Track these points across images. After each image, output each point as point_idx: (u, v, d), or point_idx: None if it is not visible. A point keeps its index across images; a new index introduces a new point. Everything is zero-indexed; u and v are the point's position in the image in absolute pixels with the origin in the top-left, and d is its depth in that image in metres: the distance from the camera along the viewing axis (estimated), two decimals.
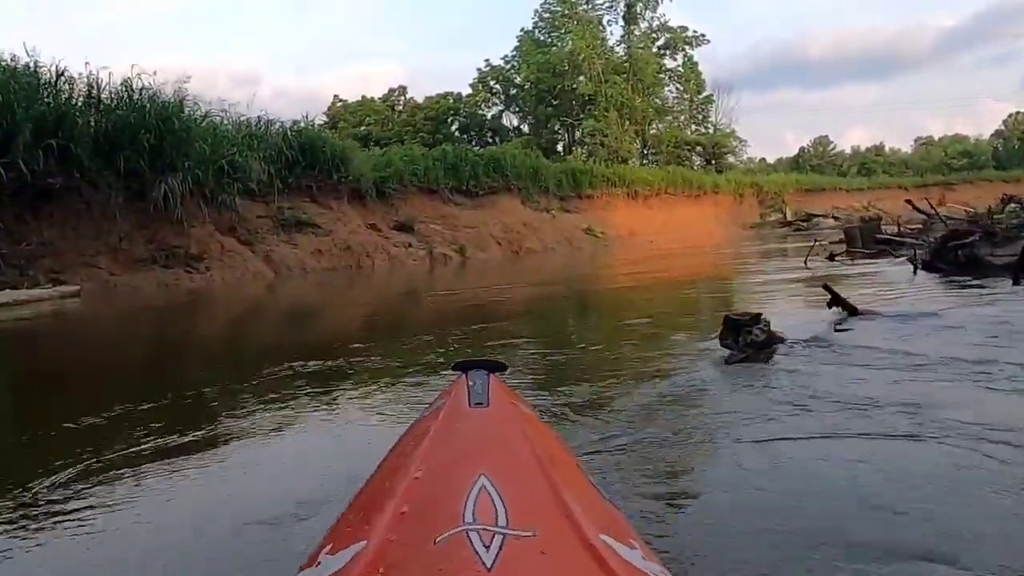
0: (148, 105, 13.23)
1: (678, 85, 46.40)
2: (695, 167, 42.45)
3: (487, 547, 0.63)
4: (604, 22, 42.94)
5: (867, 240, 10.34)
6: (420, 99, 49.54)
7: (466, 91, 47.16)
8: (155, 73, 13.61)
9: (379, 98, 51.29)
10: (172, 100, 13.64)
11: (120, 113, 12.97)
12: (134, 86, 13.25)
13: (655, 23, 43.58)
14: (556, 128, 46.09)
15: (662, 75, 44.67)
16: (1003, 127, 77.94)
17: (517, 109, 47.03)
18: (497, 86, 46.38)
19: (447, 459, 0.92)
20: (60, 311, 9.49)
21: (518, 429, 1.02)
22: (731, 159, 47.38)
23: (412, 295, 10.91)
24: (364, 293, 11.72)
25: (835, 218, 35.82)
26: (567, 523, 0.72)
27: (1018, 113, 76.94)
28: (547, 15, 43.63)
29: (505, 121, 47.35)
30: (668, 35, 43.86)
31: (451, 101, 48.26)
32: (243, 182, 14.74)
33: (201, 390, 3.95)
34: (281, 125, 17.09)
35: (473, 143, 41.04)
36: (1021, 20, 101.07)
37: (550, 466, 0.88)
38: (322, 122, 28.50)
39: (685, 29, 44.13)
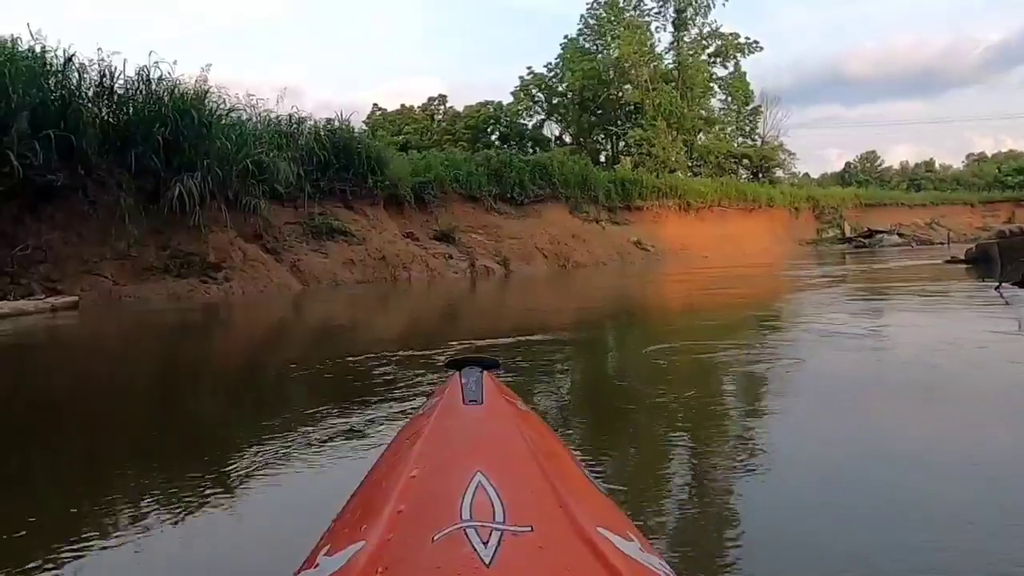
0: (165, 97, 11.93)
1: (726, 95, 44.50)
2: (742, 180, 40.45)
3: (485, 543, 0.62)
4: (652, 28, 41.29)
5: (1007, 259, 8.52)
6: (460, 108, 48.49)
7: (507, 100, 45.87)
8: (175, 62, 12.32)
9: (418, 107, 50.31)
10: (192, 92, 12.30)
11: (134, 105, 11.68)
12: (151, 76, 11.95)
13: (705, 29, 41.75)
14: (600, 137, 44.49)
15: (712, 84, 42.76)
16: None
17: (559, 118, 45.49)
18: (540, 94, 44.92)
19: (443, 457, 0.91)
20: (51, 326, 8.09)
21: (513, 425, 1.02)
22: (779, 173, 45.24)
23: (452, 317, 9.33)
24: (399, 311, 10.18)
25: (900, 235, 33.56)
26: (564, 517, 0.71)
27: None
28: (593, 21, 42.10)
29: (546, 131, 45.87)
30: (719, 42, 41.97)
31: (491, 110, 46.99)
32: (269, 184, 13.39)
33: (206, 433, 3.03)
34: (314, 124, 15.73)
35: (513, 152, 39.61)
36: None
37: (546, 461, 0.88)
38: (360, 131, 27.32)
39: (737, 36, 42.24)
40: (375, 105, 48.72)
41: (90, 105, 11.26)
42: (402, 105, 50.28)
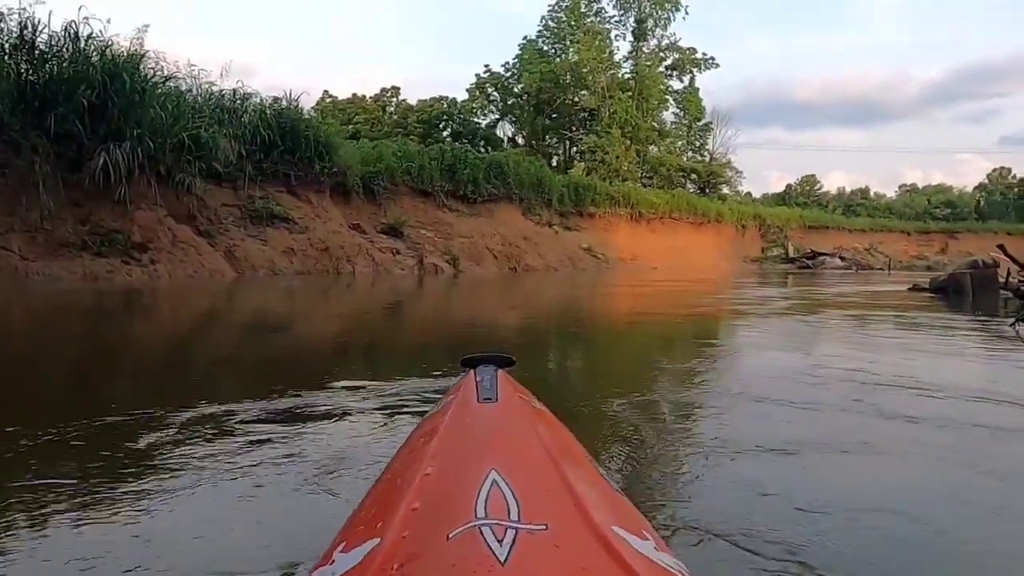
0: (95, 57, 10.84)
1: (679, 109, 44.77)
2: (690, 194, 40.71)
3: (500, 542, 0.62)
4: (612, 36, 41.18)
5: (979, 289, 8.32)
6: (413, 102, 47.52)
7: (462, 97, 45.14)
8: (108, 21, 11.24)
9: (370, 97, 49.09)
10: (126, 54, 11.23)
11: (58, 62, 10.56)
12: (79, 32, 10.84)
13: (664, 42, 41.89)
14: (553, 141, 44.19)
15: (667, 96, 42.94)
16: (987, 180, 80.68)
17: (513, 119, 45.00)
18: (495, 93, 44.34)
19: (457, 455, 0.90)
20: None
21: (527, 423, 1.01)
22: (725, 190, 45.76)
23: (396, 316, 8.62)
24: (340, 306, 9.40)
25: (842, 258, 34.14)
26: (579, 516, 0.71)
27: (1002, 168, 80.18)
28: (553, 24, 41.78)
29: (499, 131, 45.32)
30: (677, 55, 42.17)
31: (445, 106, 46.18)
32: (207, 162, 12.39)
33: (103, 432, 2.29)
34: (260, 101, 14.74)
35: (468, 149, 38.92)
36: (1001, 80, 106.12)
37: (561, 459, 0.87)
38: (310, 113, 26.12)
39: (694, 51, 42.54)
40: (325, 92, 47.25)
41: (6, 59, 10.12)
42: (353, 94, 48.96)
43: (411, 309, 9.09)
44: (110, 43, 11.12)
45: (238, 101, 14.25)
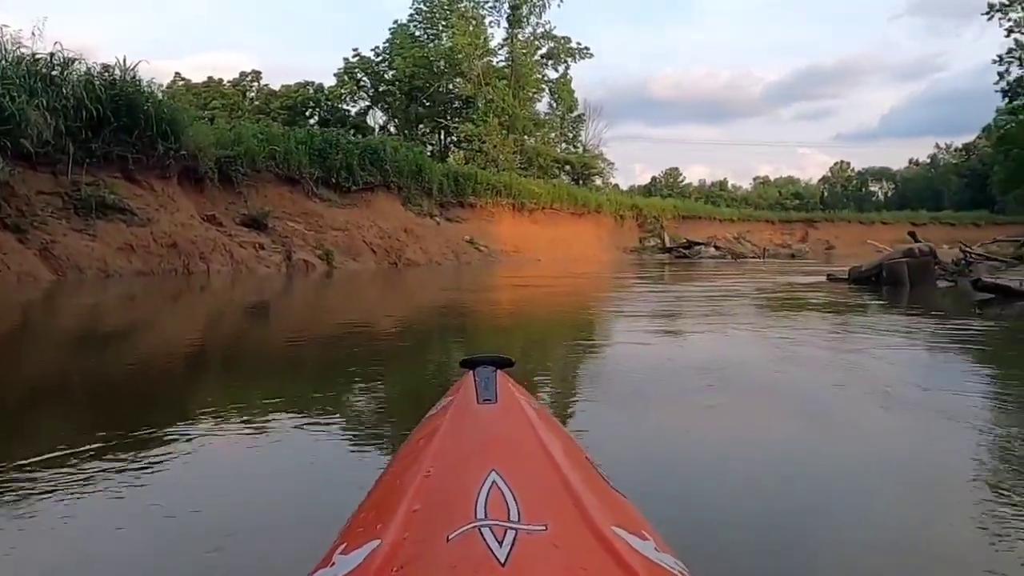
0: None
1: (553, 99, 44.37)
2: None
3: (500, 542, 0.61)
4: (487, 22, 40.04)
5: (917, 277, 7.77)
6: (276, 87, 44.41)
7: (330, 83, 42.59)
8: None
9: (228, 81, 45.44)
10: None
11: None
12: None
13: (539, 30, 41.21)
14: (428, 130, 42.60)
15: (543, 85, 42.40)
16: (829, 173, 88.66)
17: (385, 106, 42.97)
18: (365, 79, 42.10)
19: (457, 456, 0.90)
20: None
21: (527, 424, 1.00)
22: (598, 181, 45.95)
23: (260, 324, 6.98)
24: (190, 313, 7.59)
25: (716, 247, 34.84)
26: (579, 516, 0.71)
27: (842, 162, 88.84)
28: (425, 8, 40.11)
29: (370, 119, 43.16)
30: (552, 44, 41.63)
31: (311, 91, 43.43)
32: (14, 139, 10.06)
33: None
34: (88, 69, 12.34)
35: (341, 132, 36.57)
36: (834, 82, 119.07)
37: (560, 460, 0.86)
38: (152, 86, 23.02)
39: (568, 40, 42.17)
40: (177, 74, 43.23)
41: None
42: (209, 77, 45.17)
43: (278, 317, 7.45)
44: None
45: (56, 68, 11.81)
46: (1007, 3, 38.96)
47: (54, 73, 11.72)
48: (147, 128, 12.48)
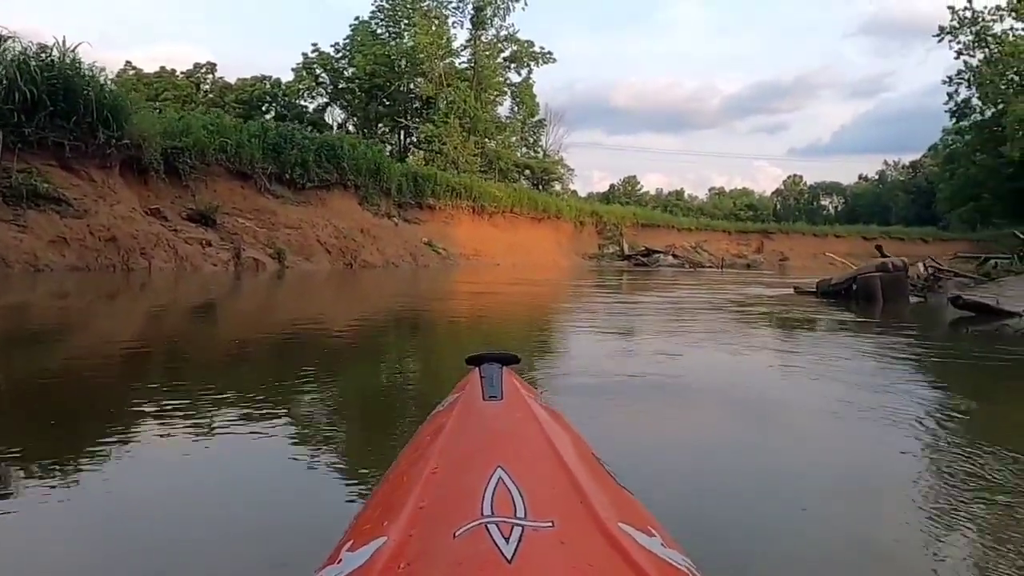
0: None
1: (515, 103, 44.12)
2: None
3: (506, 539, 0.61)
4: (449, 23, 39.61)
5: (891, 293, 7.59)
6: (232, 80, 43.30)
7: (287, 78, 41.63)
8: None
9: (181, 72, 44.11)
10: None
11: None
12: None
13: (503, 32, 40.94)
14: (387, 129, 41.94)
15: (506, 88, 42.12)
16: (782, 186, 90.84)
17: (344, 104, 42.17)
18: (324, 76, 41.26)
19: (463, 453, 0.89)
20: None
21: (533, 421, 0.99)
22: (558, 187, 45.87)
23: (207, 321, 6.44)
24: (127, 313, 6.99)
25: (675, 255, 34.95)
26: (585, 513, 0.71)
27: (795, 175, 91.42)
28: (387, 5, 39.48)
29: (328, 117, 42.31)
30: (515, 47, 41.37)
31: (268, 86, 42.42)
32: None
33: None
34: (22, 48, 11.55)
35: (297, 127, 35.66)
36: (789, 96, 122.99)
37: (567, 457, 0.86)
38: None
39: (532, 44, 41.99)
40: (128, 63, 41.76)
41: None
42: (162, 67, 43.86)
43: (225, 321, 6.90)
44: None
45: None
46: (957, 27, 40.19)
47: None
48: (87, 114, 11.74)
